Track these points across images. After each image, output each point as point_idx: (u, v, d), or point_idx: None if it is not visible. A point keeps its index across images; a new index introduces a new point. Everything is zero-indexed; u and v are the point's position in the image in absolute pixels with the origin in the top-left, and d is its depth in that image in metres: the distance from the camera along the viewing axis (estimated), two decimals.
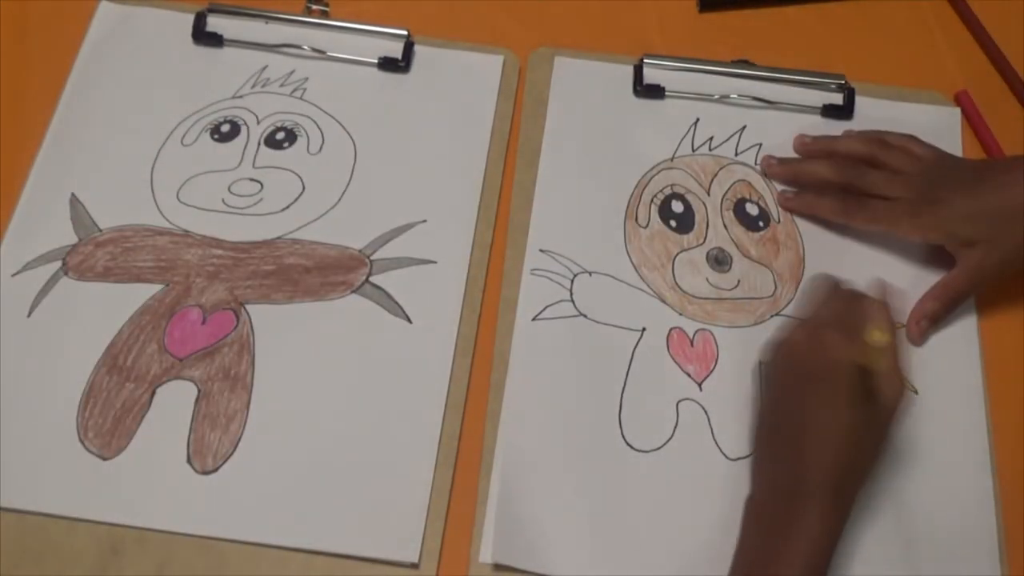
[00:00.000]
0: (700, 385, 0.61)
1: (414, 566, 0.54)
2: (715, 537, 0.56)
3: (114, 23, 0.72)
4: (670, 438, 0.59)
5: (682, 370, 0.61)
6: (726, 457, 0.59)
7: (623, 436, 0.59)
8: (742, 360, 0.62)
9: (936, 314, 0.63)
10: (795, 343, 0.54)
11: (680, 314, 0.63)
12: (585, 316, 0.62)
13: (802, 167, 0.68)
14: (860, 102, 0.72)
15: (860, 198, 0.64)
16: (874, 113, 0.72)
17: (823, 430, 0.51)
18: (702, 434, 0.59)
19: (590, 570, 0.55)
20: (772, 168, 0.68)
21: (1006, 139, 0.72)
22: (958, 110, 0.73)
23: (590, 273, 0.64)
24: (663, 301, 0.64)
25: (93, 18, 0.73)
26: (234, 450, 0.57)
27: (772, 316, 0.64)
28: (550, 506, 0.56)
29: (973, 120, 0.72)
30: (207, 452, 0.57)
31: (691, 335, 0.63)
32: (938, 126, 0.71)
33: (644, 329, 0.62)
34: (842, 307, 0.54)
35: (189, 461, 0.56)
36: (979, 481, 0.59)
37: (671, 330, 0.63)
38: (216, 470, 0.56)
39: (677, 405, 0.60)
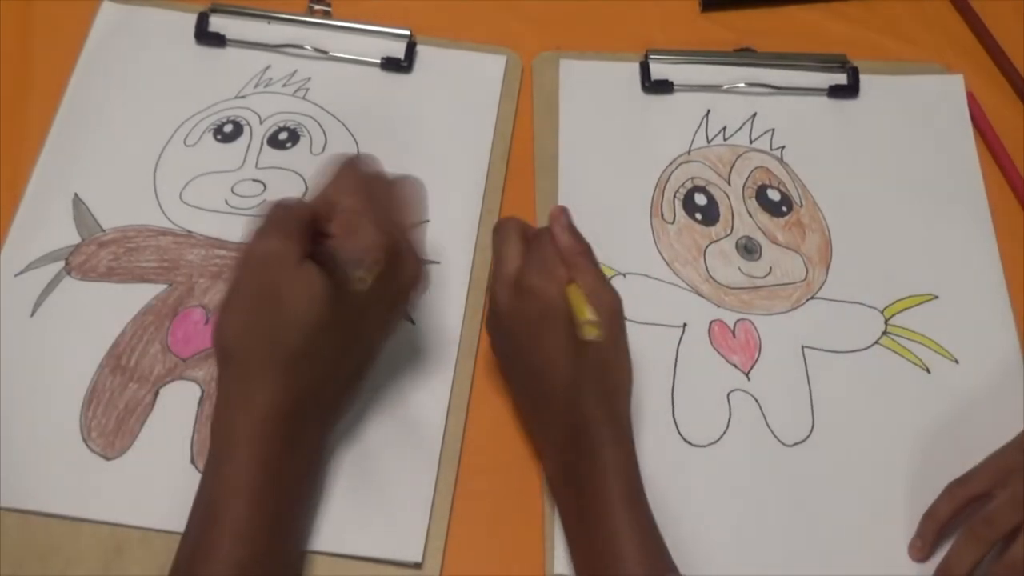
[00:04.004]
0: (748, 375, 0.61)
1: (417, 566, 0.54)
2: (781, 524, 0.56)
3: (116, 23, 0.73)
4: (725, 430, 0.59)
5: (728, 361, 0.62)
6: (782, 444, 0.59)
7: (679, 433, 0.59)
8: (785, 346, 0.62)
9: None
10: (500, 307, 0.53)
11: (718, 306, 0.64)
12: (625, 318, 0.62)
13: (949, 568, 0.54)
14: (864, 80, 0.73)
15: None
16: (879, 90, 0.73)
17: (564, 372, 0.51)
18: (756, 423, 0.60)
19: None
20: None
21: (1009, 139, 0.72)
22: (960, 76, 0.74)
23: (624, 275, 0.64)
24: (699, 295, 0.64)
25: (96, 18, 0.73)
26: None
27: (808, 300, 0.64)
28: None
29: (977, 120, 0.73)
30: None
31: (732, 326, 0.63)
32: (943, 95, 0.73)
33: (685, 325, 0.63)
34: (518, 249, 0.54)
35: (192, 462, 0.56)
36: None
37: (711, 323, 0.63)
38: None
39: (728, 397, 0.60)
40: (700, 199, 0.68)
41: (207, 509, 0.49)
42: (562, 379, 0.51)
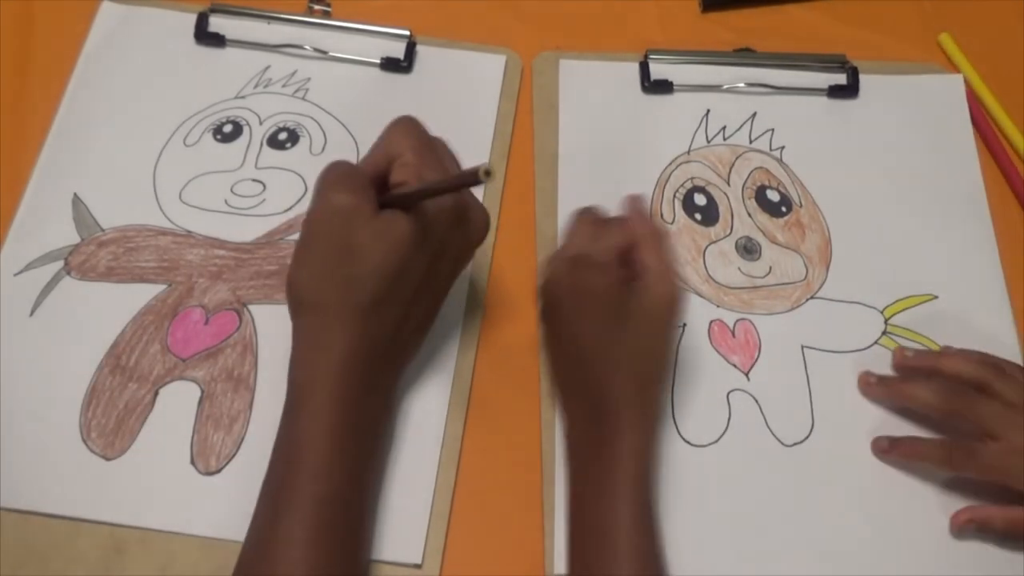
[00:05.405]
0: (747, 375, 0.61)
1: (417, 567, 0.54)
2: (781, 525, 0.56)
3: (116, 23, 0.72)
4: (725, 430, 0.59)
5: (727, 361, 0.62)
6: (782, 444, 0.59)
7: (679, 433, 0.59)
8: (784, 346, 0.62)
9: (990, 529, 0.56)
10: (554, 277, 0.55)
11: (717, 306, 0.64)
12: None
13: (902, 389, 0.59)
14: (864, 80, 0.73)
15: (966, 445, 0.56)
16: (879, 90, 0.73)
17: (603, 350, 0.52)
18: (756, 423, 0.60)
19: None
20: (870, 388, 0.60)
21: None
22: (960, 76, 0.74)
23: None
24: (699, 295, 0.64)
25: (95, 18, 0.72)
26: (237, 451, 0.57)
27: (808, 300, 0.64)
28: None
29: (977, 120, 0.73)
30: (210, 453, 0.57)
31: (731, 326, 0.63)
32: (943, 95, 0.73)
33: (684, 325, 0.63)
34: (589, 231, 0.55)
35: (192, 462, 0.56)
36: None
37: (711, 323, 0.63)
38: (219, 471, 0.56)
39: (728, 397, 0.60)
40: (700, 199, 0.68)
41: (287, 452, 0.50)
42: (598, 355, 0.52)
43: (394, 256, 0.51)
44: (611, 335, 0.52)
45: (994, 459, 0.55)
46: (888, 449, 0.59)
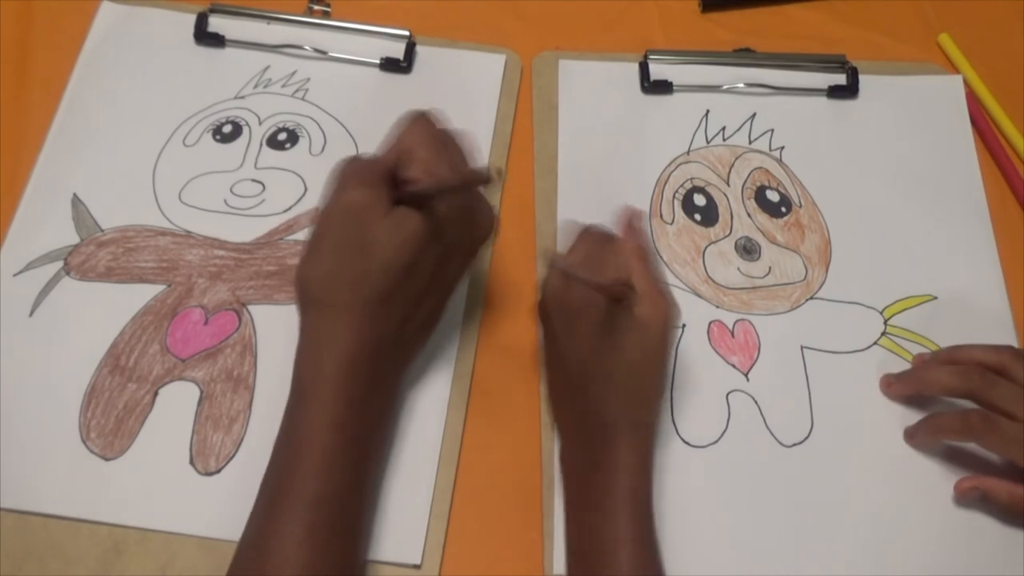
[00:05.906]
0: (746, 375, 0.61)
1: (416, 567, 0.54)
2: (781, 525, 0.56)
3: (116, 23, 0.73)
4: (724, 431, 0.59)
5: (726, 362, 0.62)
6: (781, 444, 0.59)
7: (678, 434, 0.59)
8: (784, 346, 0.62)
9: (992, 500, 0.57)
10: (550, 290, 0.55)
11: (717, 307, 0.64)
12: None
13: (922, 376, 0.59)
14: (864, 81, 0.73)
15: (986, 415, 0.55)
16: (878, 90, 0.73)
17: (595, 366, 0.52)
18: (755, 424, 0.60)
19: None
20: (891, 387, 0.61)
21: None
22: (960, 77, 0.74)
23: None
24: (698, 295, 0.64)
25: (95, 18, 0.73)
26: (236, 451, 0.57)
27: (807, 300, 0.64)
28: None
29: (977, 120, 0.73)
30: (210, 453, 0.57)
31: (731, 326, 0.63)
32: (943, 96, 0.73)
33: (684, 325, 0.63)
34: (589, 247, 0.55)
35: (192, 462, 0.56)
36: None
37: (710, 323, 0.63)
38: (219, 471, 0.56)
39: (727, 397, 0.60)
40: (699, 200, 0.68)
41: (289, 448, 0.50)
42: (591, 372, 0.52)
43: (405, 252, 0.51)
44: (603, 351, 0.52)
45: (1016, 436, 0.54)
46: (913, 433, 0.59)
